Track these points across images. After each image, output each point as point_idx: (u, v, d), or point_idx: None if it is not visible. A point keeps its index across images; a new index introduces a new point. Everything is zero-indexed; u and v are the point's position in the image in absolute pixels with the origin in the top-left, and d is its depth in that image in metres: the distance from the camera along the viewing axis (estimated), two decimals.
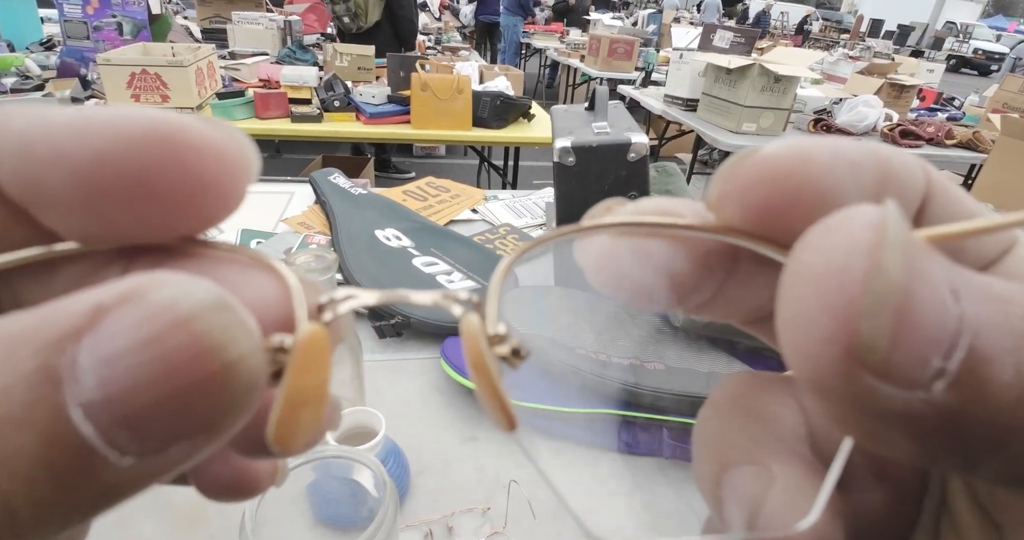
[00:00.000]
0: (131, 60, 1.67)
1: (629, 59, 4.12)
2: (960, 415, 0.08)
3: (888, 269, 0.08)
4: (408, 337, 0.73)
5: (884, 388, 0.08)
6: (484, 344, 0.10)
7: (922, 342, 0.07)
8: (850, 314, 0.08)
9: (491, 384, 0.10)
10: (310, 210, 1.01)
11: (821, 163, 0.09)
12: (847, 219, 0.08)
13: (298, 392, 0.09)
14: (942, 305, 0.08)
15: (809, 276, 0.08)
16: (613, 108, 0.83)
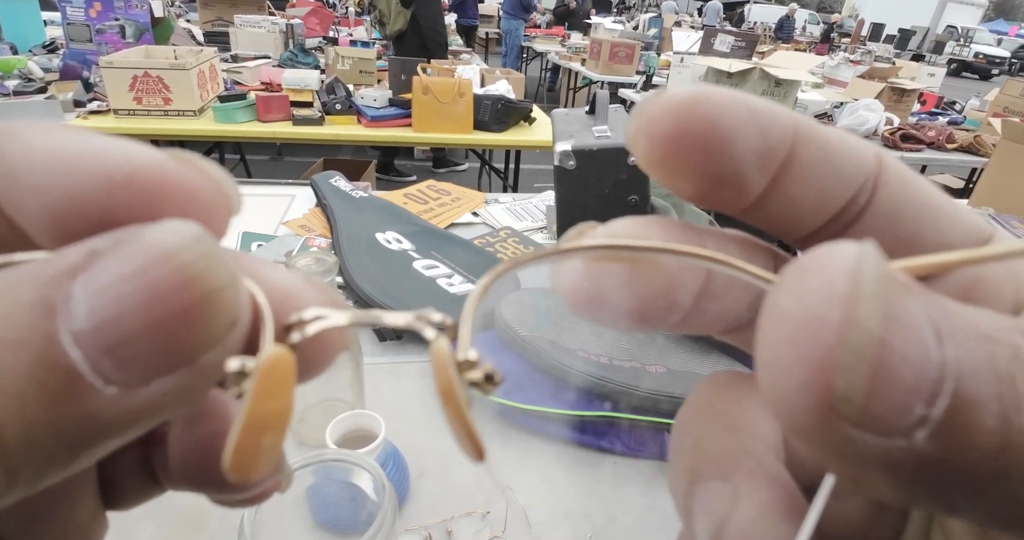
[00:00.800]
0: (133, 63, 1.68)
1: (630, 63, 4.13)
2: (942, 462, 0.07)
3: (863, 322, 0.07)
4: (408, 340, 0.73)
5: (862, 436, 0.07)
6: (453, 371, 0.10)
7: (902, 392, 0.07)
8: (825, 366, 0.07)
9: (460, 413, 0.10)
10: (311, 213, 1.01)
11: (716, 101, 0.10)
12: (823, 261, 0.08)
13: (258, 417, 0.09)
14: (924, 352, 0.07)
15: (785, 322, 0.08)
16: (614, 112, 0.83)
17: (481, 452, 0.10)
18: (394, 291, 0.75)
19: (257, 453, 0.09)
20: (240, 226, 0.93)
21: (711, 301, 0.11)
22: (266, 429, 0.09)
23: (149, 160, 0.09)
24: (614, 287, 0.11)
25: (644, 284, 0.11)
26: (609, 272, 0.11)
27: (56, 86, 1.87)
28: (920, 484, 0.08)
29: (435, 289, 0.78)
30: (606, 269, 0.11)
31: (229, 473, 0.09)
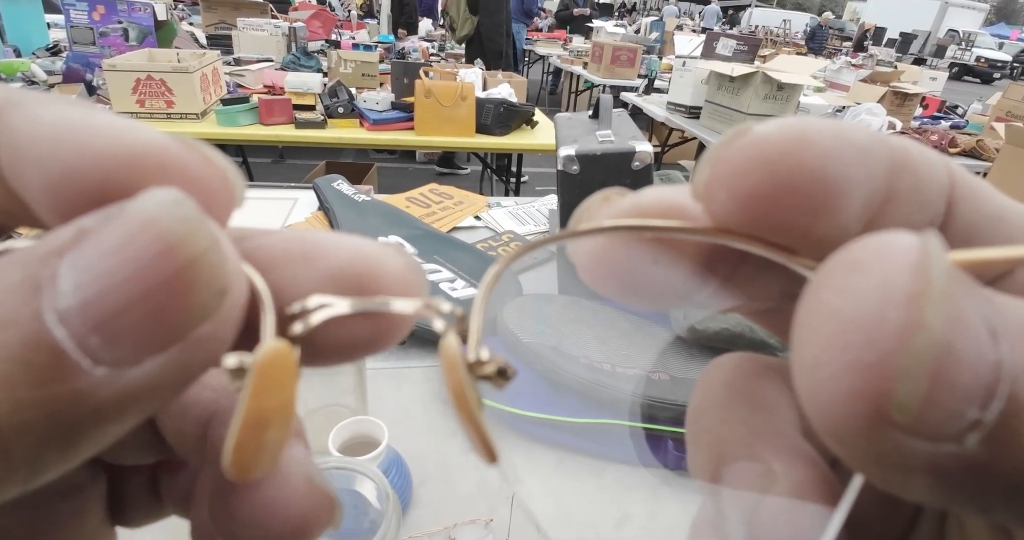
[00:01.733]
0: (136, 66, 1.68)
1: (632, 66, 4.13)
2: (988, 467, 0.07)
3: (930, 325, 0.07)
4: (411, 345, 0.73)
5: (911, 442, 0.07)
6: (464, 372, 0.09)
7: (958, 396, 0.07)
8: (882, 373, 0.07)
9: (471, 415, 0.09)
10: (313, 216, 1.01)
11: (822, 146, 0.08)
12: (880, 254, 0.07)
13: (256, 415, 0.09)
14: (980, 353, 0.07)
15: (833, 322, 0.07)
16: (617, 116, 0.83)
17: (494, 454, 0.10)
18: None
19: (258, 450, 0.09)
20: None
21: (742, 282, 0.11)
22: (266, 426, 0.09)
23: (153, 140, 0.09)
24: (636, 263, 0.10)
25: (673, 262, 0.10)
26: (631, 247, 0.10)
27: (59, 89, 1.87)
28: (961, 489, 0.07)
29: (438, 293, 0.78)
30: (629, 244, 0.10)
31: (229, 471, 0.09)
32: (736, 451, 0.11)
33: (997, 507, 0.07)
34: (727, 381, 0.12)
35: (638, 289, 0.10)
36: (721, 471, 0.11)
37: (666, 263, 0.10)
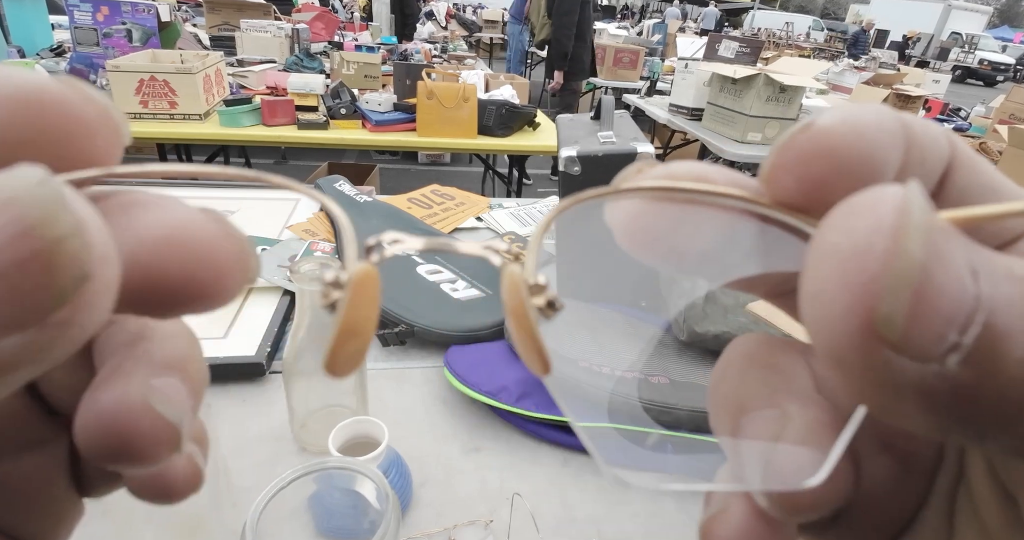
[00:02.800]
0: (140, 67, 1.69)
1: (634, 68, 4.13)
2: (973, 389, 0.08)
3: (909, 250, 0.08)
4: (412, 346, 0.73)
5: (900, 361, 0.08)
6: (525, 293, 0.10)
7: (939, 319, 0.08)
8: (870, 291, 0.08)
9: (529, 331, 0.10)
10: (315, 217, 1.01)
11: (871, 137, 0.10)
12: (871, 200, 0.08)
13: (350, 324, 0.10)
14: (960, 284, 0.08)
15: (832, 254, 0.08)
16: (619, 118, 0.83)
17: (547, 366, 0.10)
18: (398, 296, 0.75)
19: (347, 354, 0.10)
20: (244, 229, 0.93)
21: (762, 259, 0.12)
22: (356, 334, 0.10)
23: (31, 81, 0.09)
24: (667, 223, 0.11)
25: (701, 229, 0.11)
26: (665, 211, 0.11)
27: None
28: (952, 412, 0.08)
29: (439, 294, 0.78)
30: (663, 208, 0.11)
31: (325, 369, 0.10)
32: (755, 402, 0.12)
33: (989, 434, 0.08)
34: (747, 352, 0.13)
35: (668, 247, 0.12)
36: (740, 422, 0.11)
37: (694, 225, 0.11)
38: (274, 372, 0.66)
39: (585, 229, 0.13)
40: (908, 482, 0.12)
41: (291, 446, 0.57)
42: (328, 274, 0.10)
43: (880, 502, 0.12)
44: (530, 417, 0.59)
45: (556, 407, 0.60)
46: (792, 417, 0.11)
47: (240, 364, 0.64)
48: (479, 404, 0.64)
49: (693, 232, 0.11)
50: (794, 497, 0.10)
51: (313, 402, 0.56)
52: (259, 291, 0.79)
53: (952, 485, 0.12)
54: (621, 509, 0.54)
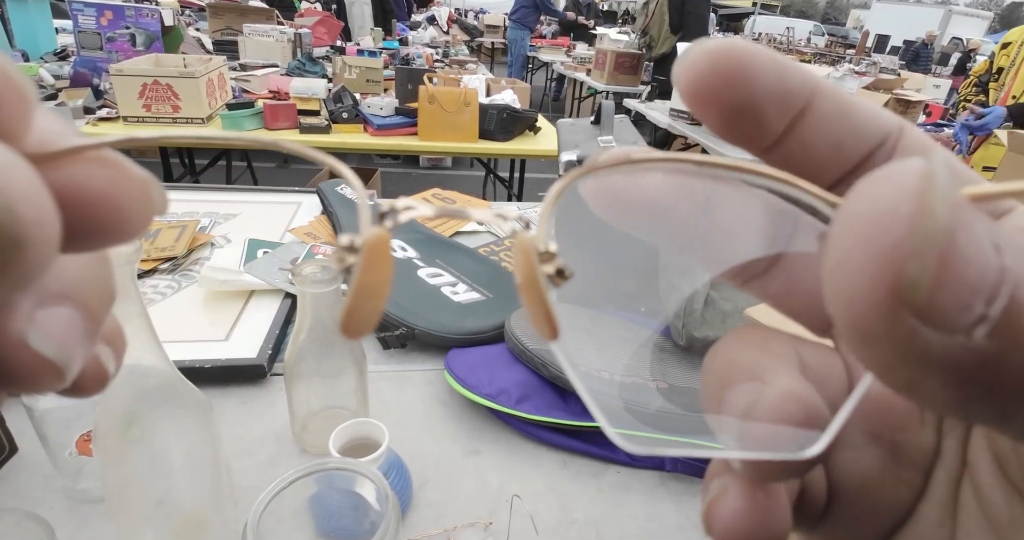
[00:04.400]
0: (143, 71, 1.70)
1: (635, 73, 4.15)
2: (998, 363, 0.08)
3: (936, 212, 0.08)
4: (412, 348, 0.73)
5: (926, 331, 0.08)
6: (535, 259, 0.11)
7: (965, 287, 0.08)
8: (897, 255, 0.08)
9: (539, 297, 0.11)
10: (317, 220, 1.02)
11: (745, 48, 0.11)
12: (895, 170, 0.08)
13: (364, 287, 0.10)
14: (985, 254, 0.08)
15: (856, 222, 0.08)
16: (619, 122, 0.83)
17: (556, 331, 0.11)
18: (399, 299, 0.75)
19: (362, 315, 0.11)
20: (246, 233, 0.94)
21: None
22: (370, 296, 0.11)
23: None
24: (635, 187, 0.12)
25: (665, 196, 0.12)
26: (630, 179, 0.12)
27: (66, 93, 1.89)
28: (975, 388, 0.08)
29: (440, 297, 0.79)
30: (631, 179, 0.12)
31: (341, 330, 0.11)
32: (738, 376, 0.12)
33: (1014, 413, 0.08)
34: (740, 335, 0.13)
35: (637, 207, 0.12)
36: (724, 394, 0.12)
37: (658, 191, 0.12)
38: (275, 374, 0.67)
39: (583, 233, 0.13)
40: (900, 474, 0.13)
41: (292, 447, 0.57)
42: (343, 239, 0.10)
43: (871, 494, 0.13)
44: (530, 420, 0.60)
45: (556, 410, 0.60)
46: (769, 387, 0.11)
47: (242, 366, 0.65)
48: (479, 406, 0.64)
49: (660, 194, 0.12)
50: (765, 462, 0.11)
51: (314, 404, 0.57)
52: (261, 294, 0.79)
53: (953, 479, 0.12)
54: (620, 511, 0.54)
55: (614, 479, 0.58)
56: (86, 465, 0.49)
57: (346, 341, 0.53)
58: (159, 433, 0.41)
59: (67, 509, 0.49)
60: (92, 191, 0.10)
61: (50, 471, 0.49)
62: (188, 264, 0.85)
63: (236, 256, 0.86)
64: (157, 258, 0.84)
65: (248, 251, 0.88)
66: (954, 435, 0.13)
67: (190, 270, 0.83)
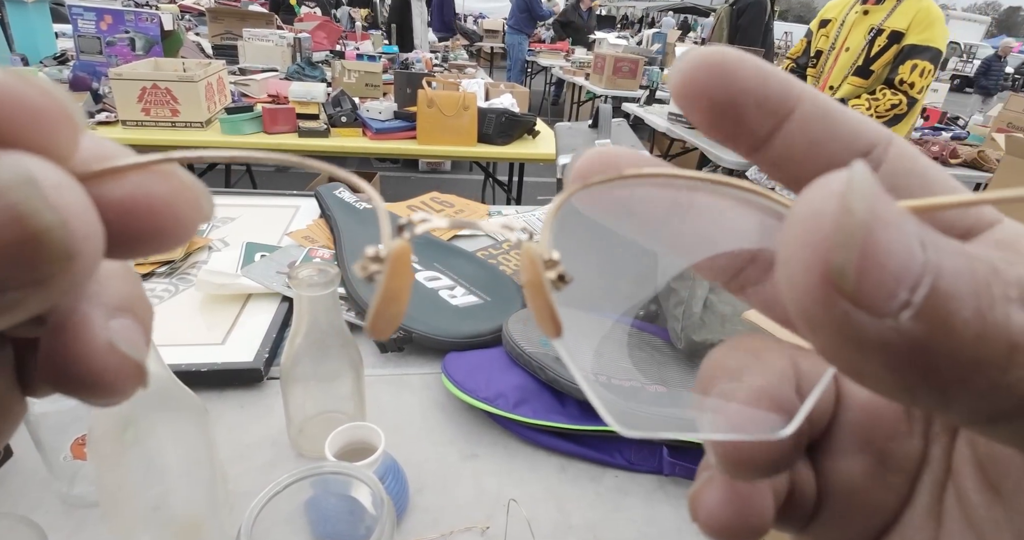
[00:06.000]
0: (142, 75, 1.70)
1: (634, 77, 4.16)
2: (927, 345, 0.09)
3: (854, 209, 0.09)
4: (409, 352, 0.73)
5: (858, 314, 0.09)
6: (541, 266, 0.12)
7: (888, 275, 0.09)
8: (824, 247, 0.09)
9: (544, 299, 0.12)
10: (315, 224, 1.02)
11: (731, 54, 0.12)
12: (827, 178, 0.10)
13: (389, 292, 0.12)
14: (908, 248, 0.09)
15: (795, 220, 0.10)
16: (617, 126, 0.83)
17: (559, 329, 0.12)
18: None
19: (386, 318, 0.12)
20: (243, 236, 0.94)
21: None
22: (393, 301, 0.12)
23: None
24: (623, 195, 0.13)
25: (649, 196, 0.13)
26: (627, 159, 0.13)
27: None
28: (911, 370, 0.09)
29: (437, 301, 0.78)
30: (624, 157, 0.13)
31: (368, 331, 0.12)
32: (721, 376, 0.13)
33: (951, 395, 0.09)
34: (737, 340, 0.14)
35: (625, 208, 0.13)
36: (708, 393, 0.13)
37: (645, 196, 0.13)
38: (272, 378, 0.66)
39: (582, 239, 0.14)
40: (888, 480, 0.13)
41: (288, 451, 0.57)
42: (369, 250, 0.12)
43: (859, 498, 0.13)
44: (527, 423, 0.59)
45: (553, 413, 0.60)
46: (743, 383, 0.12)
47: (238, 370, 0.64)
48: (476, 410, 0.64)
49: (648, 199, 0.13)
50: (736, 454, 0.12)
51: (310, 408, 0.56)
52: (258, 297, 0.79)
53: (938, 484, 0.13)
54: (618, 515, 0.54)
55: (612, 483, 0.57)
56: (81, 469, 0.49)
57: (343, 345, 0.53)
58: (154, 437, 0.41)
59: (62, 514, 0.48)
60: (153, 200, 0.11)
61: (45, 476, 0.49)
62: (185, 267, 0.85)
63: (233, 259, 0.86)
64: (154, 261, 0.84)
65: (245, 254, 0.87)
66: (940, 443, 0.13)
67: (187, 273, 0.83)
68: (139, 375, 0.12)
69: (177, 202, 0.11)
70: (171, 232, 0.11)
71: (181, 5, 4.87)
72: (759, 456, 0.12)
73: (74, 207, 0.09)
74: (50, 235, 0.09)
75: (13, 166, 0.09)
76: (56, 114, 0.10)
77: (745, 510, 0.13)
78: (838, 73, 1.90)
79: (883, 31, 1.75)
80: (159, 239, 0.11)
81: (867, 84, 1.81)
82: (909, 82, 1.73)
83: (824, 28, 1.98)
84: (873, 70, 1.79)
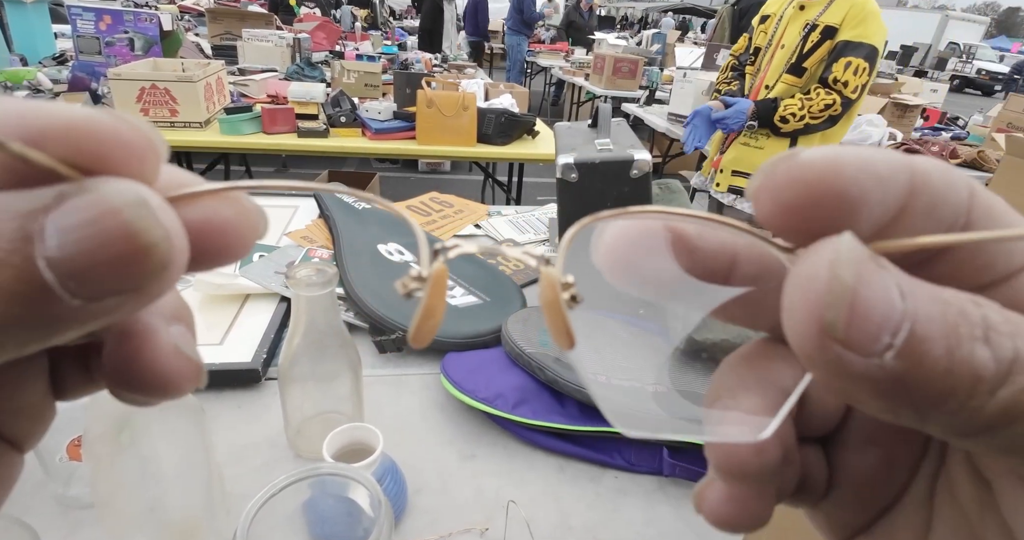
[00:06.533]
0: (141, 75, 1.70)
1: (633, 78, 4.15)
2: (905, 378, 0.10)
3: (841, 277, 0.11)
4: (408, 352, 0.73)
5: (848, 355, 0.11)
6: (559, 288, 0.13)
7: (873, 325, 0.10)
8: (819, 305, 0.11)
9: (561, 316, 0.13)
10: (314, 224, 1.02)
11: (848, 175, 0.11)
12: (822, 246, 0.11)
13: (429, 307, 0.14)
14: (889, 300, 0.11)
15: (796, 281, 0.11)
16: (616, 125, 0.83)
17: (573, 343, 0.13)
18: (396, 302, 0.75)
19: (425, 330, 0.14)
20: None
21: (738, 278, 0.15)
22: (432, 315, 0.14)
23: (84, 114, 0.11)
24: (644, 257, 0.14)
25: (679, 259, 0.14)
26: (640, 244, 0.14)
27: (64, 97, 1.88)
28: (894, 397, 0.11)
29: None
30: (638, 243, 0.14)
31: (413, 343, 0.14)
32: (723, 394, 0.14)
33: (928, 415, 0.11)
34: (742, 354, 0.15)
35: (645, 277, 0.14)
36: (712, 406, 0.14)
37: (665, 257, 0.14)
38: (270, 378, 0.66)
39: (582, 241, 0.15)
40: (892, 472, 0.15)
41: (286, 452, 0.57)
42: (412, 272, 0.13)
43: (865, 485, 0.15)
44: (526, 424, 0.59)
45: (553, 414, 0.60)
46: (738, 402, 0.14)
47: (236, 370, 0.64)
48: (475, 411, 0.63)
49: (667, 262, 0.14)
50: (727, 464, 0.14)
51: (308, 408, 0.56)
52: (256, 297, 0.79)
53: (932, 473, 0.15)
54: (617, 516, 0.53)
55: (611, 484, 0.57)
56: (77, 471, 0.48)
57: (341, 345, 0.53)
58: (150, 439, 0.41)
59: (58, 515, 0.48)
60: (223, 222, 0.13)
61: (41, 477, 0.48)
62: None
63: None
64: None
65: None
66: (936, 441, 0.15)
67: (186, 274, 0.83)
68: (199, 375, 0.13)
69: (241, 223, 0.13)
70: (235, 249, 0.13)
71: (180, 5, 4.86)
72: (748, 466, 0.13)
73: (174, 225, 0.11)
74: (157, 249, 0.11)
75: (126, 189, 0.11)
76: (145, 146, 0.12)
77: (743, 509, 0.14)
78: (774, 71, 1.77)
79: (817, 26, 1.65)
80: (225, 255, 0.13)
81: (801, 82, 1.71)
82: (843, 81, 1.62)
83: (764, 24, 1.84)
84: (806, 67, 1.69)
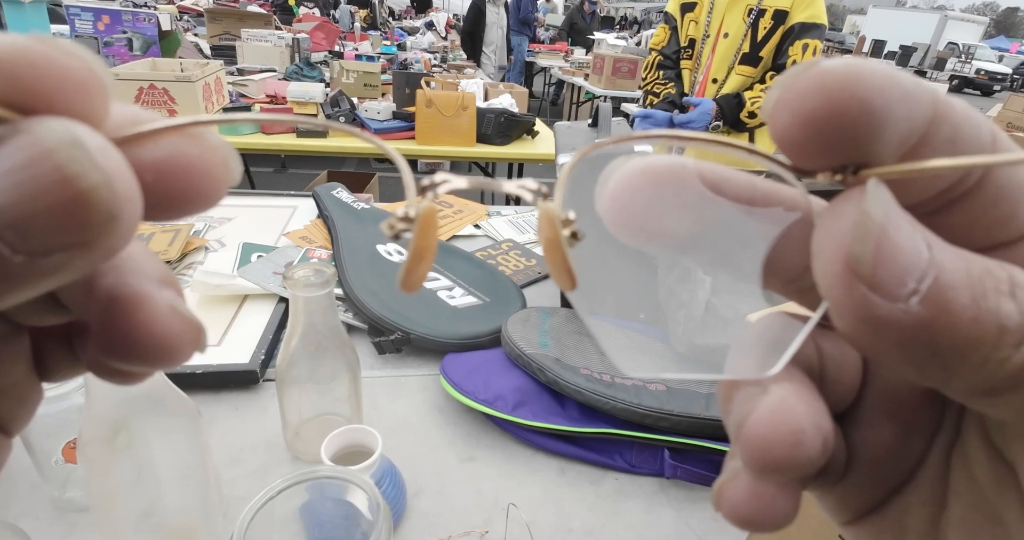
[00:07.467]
0: (139, 75, 1.69)
1: (633, 78, 4.15)
2: (931, 325, 0.10)
3: (870, 212, 0.10)
4: (407, 353, 0.73)
5: (874, 298, 0.10)
6: (558, 224, 0.12)
7: (898, 266, 0.10)
8: (846, 240, 0.11)
9: (561, 254, 0.12)
10: (312, 224, 1.01)
11: (873, 83, 0.10)
12: (849, 191, 0.11)
13: (419, 250, 0.12)
14: (916, 247, 0.10)
15: (823, 222, 0.11)
16: (616, 125, 0.83)
17: (575, 282, 0.13)
18: (394, 303, 0.74)
19: (416, 274, 0.13)
20: (240, 237, 0.93)
21: None
22: (422, 259, 0.13)
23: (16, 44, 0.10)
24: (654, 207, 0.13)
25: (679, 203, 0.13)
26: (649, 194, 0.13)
27: None
28: (919, 345, 0.10)
29: (435, 301, 0.78)
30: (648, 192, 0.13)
31: (401, 287, 0.13)
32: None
33: (954, 370, 0.11)
34: (757, 333, 0.14)
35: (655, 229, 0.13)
36: (732, 395, 0.13)
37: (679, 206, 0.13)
38: (268, 380, 0.66)
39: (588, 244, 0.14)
40: (907, 446, 0.14)
41: (284, 455, 0.56)
42: (399, 211, 0.12)
43: (879, 463, 0.15)
44: (526, 426, 0.59)
45: (553, 416, 0.59)
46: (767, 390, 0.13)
47: (234, 372, 0.64)
48: (475, 412, 0.63)
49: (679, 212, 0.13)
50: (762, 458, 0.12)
51: (306, 410, 0.56)
52: (254, 298, 0.78)
53: (948, 447, 0.14)
54: (618, 519, 0.53)
55: (612, 486, 0.57)
56: (73, 473, 0.48)
57: (339, 346, 0.53)
58: (146, 441, 0.40)
59: (53, 518, 0.48)
60: (186, 161, 0.11)
61: (36, 480, 0.48)
62: (181, 269, 0.84)
63: (230, 260, 0.85)
64: None
65: (242, 255, 0.87)
66: (951, 411, 0.14)
67: (183, 275, 0.82)
68: (200, 336, 0.12)
69: (209, 163, 0.12)
70: (204, 192, 0.12)
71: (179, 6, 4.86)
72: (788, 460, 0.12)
73: (116, 169, 0.10)
74: (97, 195, 0.09)
75: (58, 129, 0.09)
76: (87, 78, 0.10)
77: (769, 506, 0.13)
78: (720, 63, 1.63)
79: (765, 11, 1.53)
80: (192, 200, 0.12)
81: (757, 72, 1.60)
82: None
83: (691, 12, 1.68)
84: (763, 56, 1.57)
